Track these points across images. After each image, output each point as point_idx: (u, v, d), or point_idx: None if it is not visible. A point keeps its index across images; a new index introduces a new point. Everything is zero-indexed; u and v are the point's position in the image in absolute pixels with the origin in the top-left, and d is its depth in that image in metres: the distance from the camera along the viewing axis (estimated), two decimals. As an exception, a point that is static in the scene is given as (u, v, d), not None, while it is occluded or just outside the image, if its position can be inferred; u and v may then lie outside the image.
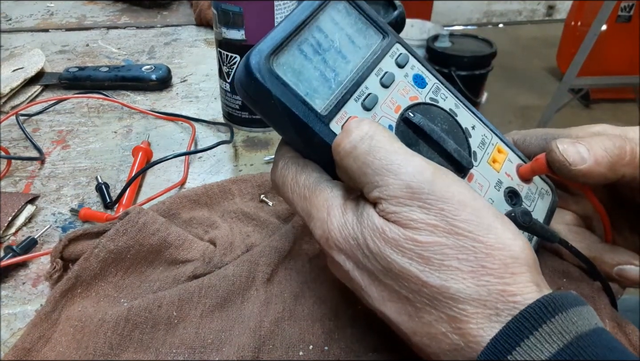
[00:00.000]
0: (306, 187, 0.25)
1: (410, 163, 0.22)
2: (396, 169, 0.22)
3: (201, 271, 0.34)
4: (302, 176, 0.26)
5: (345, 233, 0.23)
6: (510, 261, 0.21)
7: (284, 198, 0.27)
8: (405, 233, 0.21)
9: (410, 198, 0.22)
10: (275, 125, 0.26)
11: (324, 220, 0.24)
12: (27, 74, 0.58)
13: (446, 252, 0.21)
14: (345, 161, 0.23)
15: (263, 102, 0.25)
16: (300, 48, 0.25)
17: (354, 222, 0.23)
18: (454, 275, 0.20)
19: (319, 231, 0.24)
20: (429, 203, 0.21)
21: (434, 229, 0.21)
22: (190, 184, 0.46)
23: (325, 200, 0.24)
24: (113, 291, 0.34)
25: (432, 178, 0.22)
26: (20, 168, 0.47)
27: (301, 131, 0.25)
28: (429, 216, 0.21)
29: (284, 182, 0.26)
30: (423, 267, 0.21)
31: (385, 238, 0.22)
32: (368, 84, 0.27)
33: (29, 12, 0.84)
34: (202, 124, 0.54)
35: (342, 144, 0.23)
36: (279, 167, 0.27)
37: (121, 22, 0.81)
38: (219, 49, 0.49)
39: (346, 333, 0.31)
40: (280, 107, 0.24)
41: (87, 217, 0.40)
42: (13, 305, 0.34)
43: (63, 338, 0.30)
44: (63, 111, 0.56)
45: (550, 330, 0.19)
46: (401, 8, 0.33)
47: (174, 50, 0.72)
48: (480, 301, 0.20)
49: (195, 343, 0.30)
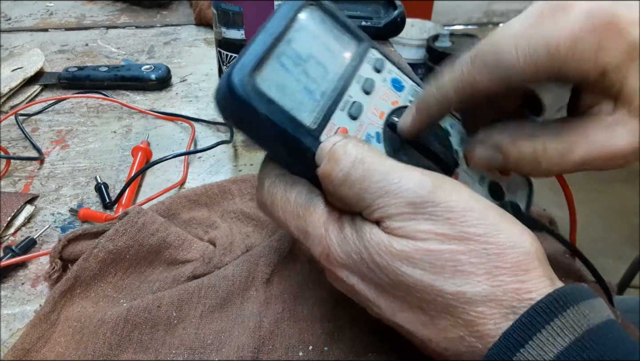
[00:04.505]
0: (299, 205, 0.24)
1: (408, 179, 0.22)
2: (395, 189, 0.22)
3: (201, 272, 0.34)
4: (293, 194, 0.25)
5: (346, 248, 0.23)
6: (522, 258, 0.21)
7: (273, 218, 0.26)
8: (415, 245, 0.21)
9: (414, 213, 0.21)
10: (261, 143, 0.25)
11: (322, 237, 0.23)
12: (26, 73, 0.58)
13: (458, 258, 0.21)
14: (340, 190, 0.23)
15: (248, 121, 0.24)
16: (281, 61, 0.24)
17: (353, 237, 0.23)
18: (469, 280, 0.20)
19: (318, 248, 0.24)
20: (435, 215, 0.21)
21: (443, 238, 0.21)
22: (189, 184, 0.45)
23: (320, 216, 0.24)
24: (112, 291, 0.34)
25: (433, 190, 0.21)
26: (19, 168, 0.47)
27: (291, 147, 0.24)
28: (436, 225, 0.21)
29: (273, 201, 0.25)
30: (436, 276, 0.21)
31: (393, 251, 0.21)
32: (351, 93, 0.26)
33: (28, 11, 0.84)
34: (202, 124, 0.54)
35: (332, 174, 0.22)
36: (265, 187, 0.26)
37: (120, 21, 0.81)
38: (218, 49, 0.49)
39: (346, 333, 0.31)
40: (268, 125, 0.23)
41: (86, 217, 0.40)
42: (12, 305, 0.34)
43: (62, 339, 0.30)
44: (62, 110, 0.56)
45: (562, 323, 0.19)
46: (401, 8, 0.33)
47: (173, 50, 0.72)
48: (496, 302, 0.20)
49: (194, 344, 0.30)
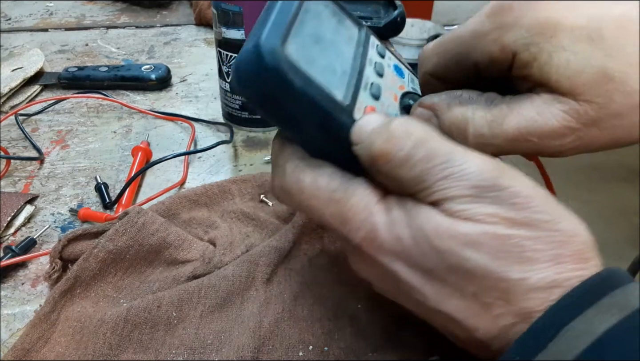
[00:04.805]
0: (334, 189, 0.22)
1: (472, 162, 0.21)
2: (459, 171, 0.21)
3: (201, 272, 0.34)
4: (324, 178, 0.23)
5: (395, 232, 0.21)
6: (583, 247, 0.21)
7: (301, 206, 0.24)
8: (482, 228, 0.20)
9: (479, 196, 0.21)
10: (287, 122, 0.23)
11: (366, 221, 0.22)
12: (26, 73, 0.58)
13: (524, 244, 0.20)
14: (398, 171, 0.21)
15: (278, 97, 0.21)
16: (301, 37, 0.22)
17: (404, 220, 0.21)
18: (534, 267, 0.20)
19: (360, 233, 0.22)
20: (500, 199, 0.21)
21: (509, 222, 0.20)
22: (189, 184, 0.45)
23: (361, 199, 0.22)
24: (112, 291, 0.34)
25: (498, 174, 0.21)
26: (19, 168, 0.47)
27: (325, 125, 0.22)
28: (502, 209, 0.20)
29: (301, 188, 0.23)
30: (501, 261, 0.20)
31: (457, 235, 0.20)
32: (367, 74, 0.25)
33: (28, 11, 0.84)
34: (202, 124, 0.54)
35: (392, 154, 0.21)
36: (288, 172, 0.24)
37: (120, 21, 0.81)
38: (218, 49, 0.49)
39: (346, 333, 0.31)
40: (302, 100, 0.21)
41: (86, 217, 0.40)
42: (12, 305, 0.34)
43: (62, 339, 0.30)
44: (62, 110, 0.56)
45: (610, 302, 0.19)
46: (401, 8, 0.33)
47: (173, 50, 0.72)
48: (559, 288, 0.20)
49: (194, 344, 0.30)
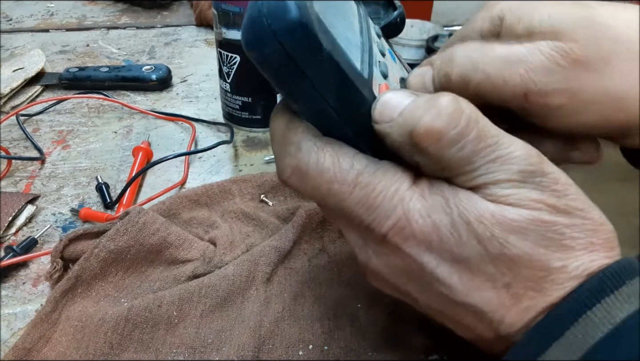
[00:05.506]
0: (360, 172, 0.20)
1: (518, 147, 0.21)
2: (507, 154, 0.20)
3: (201, 271, 0.34)
4: (348, 159, 0.21)
5: (431, 219, 0.20)
6: (610, 236, 0.21)
7: (318, 190, 0.21)
8: (530, 214, 0.20)
9: (524, 181, 0.20)
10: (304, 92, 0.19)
11: (397, 207, 0.20)
12: (27, 74, 0.58)
13: (564, 231, 0.20)
14: (446, 150, 0.20)
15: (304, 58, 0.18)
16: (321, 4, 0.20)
17: (442, 206, 0.20)
18: (571, 254, 0.20)
19: (389, 222, 0.21)
20: (543, 185, 0.21)
21: (552, 209, 0.20)
22: (190, 184, 0.46)
23: (392, 183, 0.21)
24: (113, 291, 0.34)
25: (540, 160, 0.21)
26: (20, 168, 0.47)
27: (348, 97, 0.20)
28: (545, 195, 0.20)
29: (321, 170, 0.20)
30: (544, 249, 0.20)
31: (504, 221, 0.20)
32: (374, 51, 0.24)
33: (29, 12, 0.84)
34: (202, 124, 0.54)
35: (443, 132, 0.19)
36: (304, 151, 0.21)
37: (121, 22, 0.81)
38: (219, 49, 0.49)
39: (346, 332, 0.31)
40: (329, 65, 0.18)
41: (87, 217, 0.40)
42: (13, 304, 0.34)
43: (63, 338, 0.30)
44: (63, 111, 0.56)
45: (629, 290, 0.19)
46: (401, 8, 0.33)
47: (174, 51, 0.72)
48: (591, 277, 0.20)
49: (195, 343, 0.30)
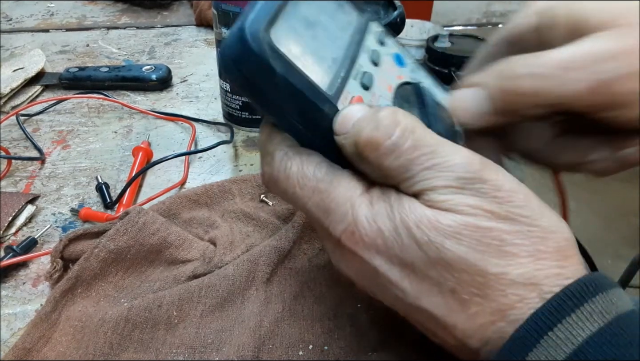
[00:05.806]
0: (319, 179, 0.22)
1: (457, 154, 0.21)
2: (444, 162, 0.21)
3: (201, 271, 0.34)
4: (311, 167, 0.23)
5: (377, 224, 0.21)
6: (564, 244, 0.21)
7: (287, 194, 0.24)
8: (463, 220, 0.20)
9: (462, 187, 0.21)
10: (271, 109, 0.23)
11: (347, 213, 0.22)
12: (27, 74, 0.58)
13: (504, 238, 0.20)
14: (384, 159, 0.21)
15: (261, 83, 0.21)
16: (291, 23, 0.22)
17: (386, 212, 0.21)
18: (513, 261, 0.20)
19: (340, 226, 0.22)
20: (482, 191, 0.21)
21: (491, 215, 0.20)
22: (190, 184, 0.46)
23: (346, 191, 0.22)
24: (113, 291, 0.34)
25: (481, 167, 0.21)
26: (20, 168, 0.47)
27: (307, 113, 0.22)
28: (484, 202, 0.20)
29: (288, 176, 0.23)
30: (481, 255, 0.20)
31: (438, 226, 0.20)
32: (361, 62, 0.25)
33: (29, 12, 0.84)
34: (202, 124, 0.54)
35: (381, 142, 0.21)
36: (277, 160, 0.23)
37: (121, 22, 0.81)
38: (219, 50, 0.49)
39: (346, 332, 0.31)
40: (284, 87, 0.21)
41: (87, 217, 0.40)
42: (13, 304, 0.34)
43: (63, 338, 0.30)
44: (63, 111, 0.56)
45: (591, 308, 0.19)
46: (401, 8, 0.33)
47: (174, 51, 0.72)
48: (537, 286, 0.20)
49: (195, 343, 0.30)
